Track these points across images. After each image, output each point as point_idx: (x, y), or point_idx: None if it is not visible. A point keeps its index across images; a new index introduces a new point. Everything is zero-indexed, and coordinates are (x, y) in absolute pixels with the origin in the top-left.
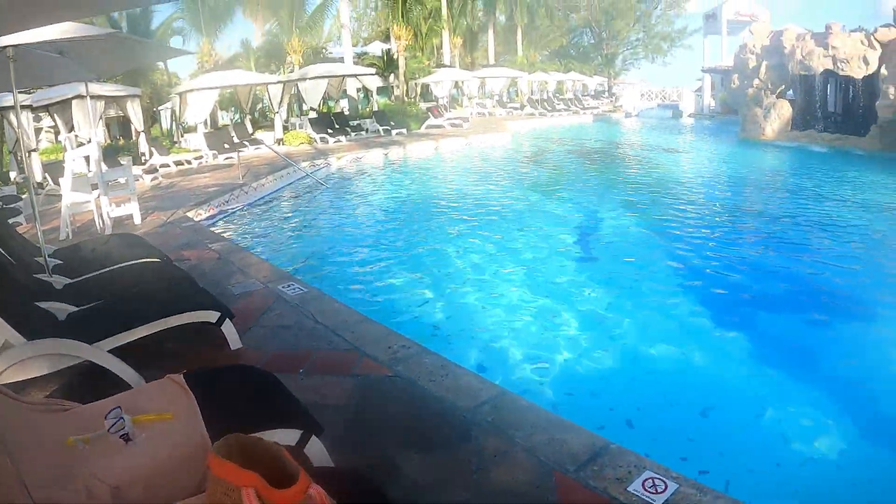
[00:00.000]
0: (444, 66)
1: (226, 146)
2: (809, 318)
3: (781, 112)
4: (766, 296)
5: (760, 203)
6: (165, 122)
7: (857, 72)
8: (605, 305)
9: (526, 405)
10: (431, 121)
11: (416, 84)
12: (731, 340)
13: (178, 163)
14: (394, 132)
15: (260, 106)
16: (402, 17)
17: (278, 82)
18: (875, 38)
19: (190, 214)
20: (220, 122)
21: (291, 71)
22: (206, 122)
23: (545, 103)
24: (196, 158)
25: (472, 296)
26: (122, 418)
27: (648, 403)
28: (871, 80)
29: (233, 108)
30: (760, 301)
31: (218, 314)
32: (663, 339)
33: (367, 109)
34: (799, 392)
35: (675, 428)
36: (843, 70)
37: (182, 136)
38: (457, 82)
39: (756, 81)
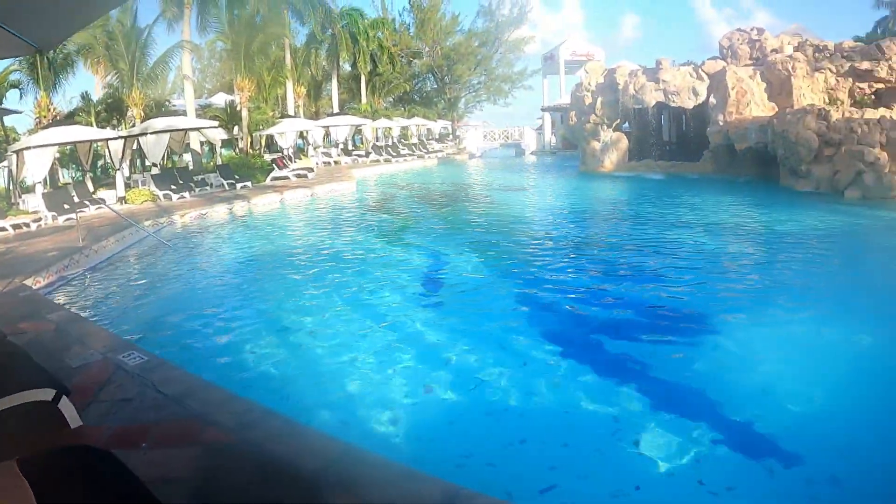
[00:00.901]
0: (289, 116)
1: (66, 207)
2: (654, 340)
3: (619, 144)
4: (613, 322)
5: (601, 232)
6: (3, 181)
7: (688, 102)
8: (453, 350)
9: (376, 460)
10: (276, 172)
11: (260, 136)
12: (582, 370)
13: (15, 226)
14: (239, 186)
15: (101, 162)
16: (246, 67)
17: (119, 137)
18: (703, 70)
19: (28, 282)
20: (61, 181)
21: (133, 125)
22: (45, 181)
23: (390, 149)
24: (35, 221)
25: (320, 351)
26: None
27: (505, 442)
28: (701, 109)
29: (73, 165)
30: (607, 328)
31: (53, 392)
32: (513, 376)
33: (212, 163)
34: (653, 413)
35: (534, 463)
36: (674, 101)
37: (20, 197)
38: (302, 132)
39: (593, 117)
